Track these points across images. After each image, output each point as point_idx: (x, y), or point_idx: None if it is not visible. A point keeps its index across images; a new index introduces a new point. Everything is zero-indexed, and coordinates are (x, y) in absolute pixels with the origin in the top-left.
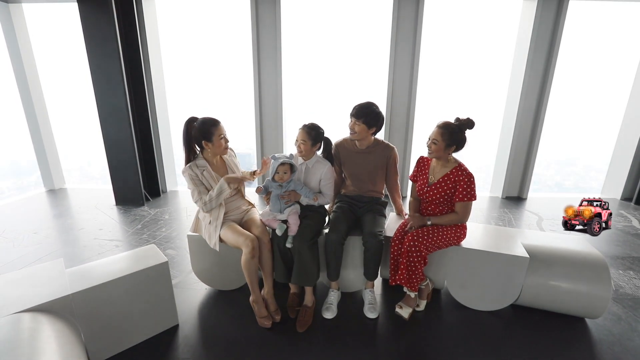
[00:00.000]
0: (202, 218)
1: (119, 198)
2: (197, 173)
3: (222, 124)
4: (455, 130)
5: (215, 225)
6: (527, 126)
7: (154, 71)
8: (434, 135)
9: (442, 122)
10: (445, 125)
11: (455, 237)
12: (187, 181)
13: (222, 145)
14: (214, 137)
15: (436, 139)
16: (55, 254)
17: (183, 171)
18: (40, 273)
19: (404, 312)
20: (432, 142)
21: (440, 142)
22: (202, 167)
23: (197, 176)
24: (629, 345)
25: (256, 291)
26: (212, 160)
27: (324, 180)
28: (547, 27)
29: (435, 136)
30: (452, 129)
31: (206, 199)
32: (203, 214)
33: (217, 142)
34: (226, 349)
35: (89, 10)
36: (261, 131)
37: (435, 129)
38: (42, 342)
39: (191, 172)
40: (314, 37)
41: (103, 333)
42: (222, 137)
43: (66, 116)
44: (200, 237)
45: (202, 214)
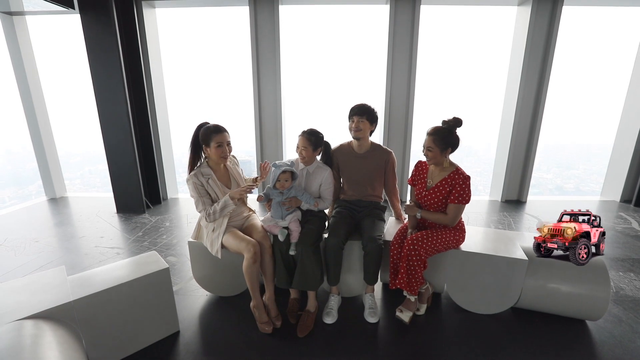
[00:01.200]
0: (205, 226)
1: (119, 206)
2: (202, 182)
3: (227, 133)
4: (446, 134)
5: (218, 233)
6: (525, 129)
7: (155, 79)
8: (427, 143)
9: (432, 129)
10: (435, 130)
11: (454, 241)
12: (190, 189)
13: (217, 154)
14: (211, 143)
15: (430, 146)
16: (56, 262)
17: (187, 179)
18: (42, 280)
19: (405, 316)
20: (428, 150)
21: (435, 148)
22: (207, 175)
23: (201, 185)
24: (630, 347)
25: (257, 297)
26: (216, 168)
27: (324, 185)
28: (542, 31)
29: (428, 144)
30: (442, 133)
31: (210, 211)
32: (206, 222)
33: (214, 149)
34: (227, 355)
35: (91, 20)
36: (261, 138)
37: (426, 137)
38: (44, 349)
39: (196, 180)
40: (312, 43)
41: (104, 339)
42: (219, 146)
43: (68, 124)
44: (201, 244)
45: (204, 221)
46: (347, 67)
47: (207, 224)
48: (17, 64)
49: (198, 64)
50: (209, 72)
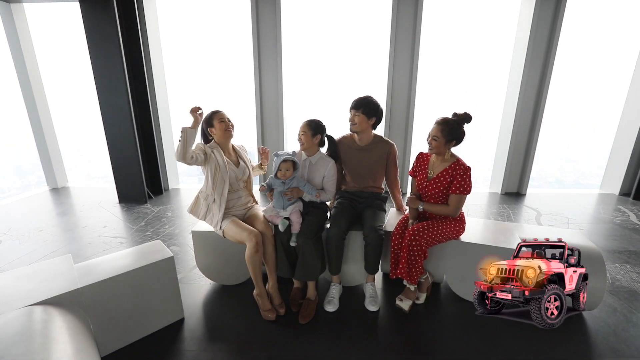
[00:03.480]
0: (205, 198)
1: (122, 196)
2: (207, 150)
3: (224, 112)
4: (454, 126)
5: (220, 203)
6: (526, 122)
7: (156, 69)
8: (434, 132)
9: (441, 119)
10: (444, 121)
11: (454, 231)
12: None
13: (222, 128)
14: (214, 121)
15: (436, 135)
16: (60, 251)
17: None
18: (50, 268)
19: (404, 304)
20: (433, 139)
21: (441, 137)
22: (213, 147)
23: (203, 150)
24: (624, 336)
25: (260, 285)
26: (224, 148)
27: (327, 177)
28: (546, 23)
29: (435, 133)
30: (451, 125)
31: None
32: (206, 194)
33: (218, 124)
34: (231, 342)
35: (91, 9)
36: (262, 129)
37: (434, 126)
38: (55, 333)
39: (202, 145)
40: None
41: (112, 325)
42: (222, 121)
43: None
44: (204, 233)
45: (204, 194)
46: (350, 59)
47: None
48: (16, 53)
49: (199, 53)
50: (210, 61)
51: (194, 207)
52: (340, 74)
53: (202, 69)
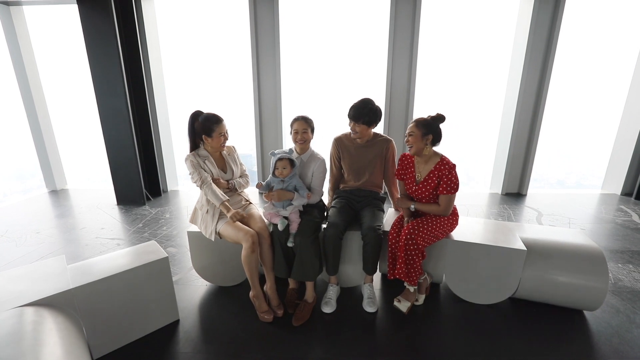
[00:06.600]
0: (200, 207)
1: (120, 198)
2: (199, 161)
3: (224, 122)
4: (427, 121)
5: (213, 214)
6: (526, 122)
7: (154, 71)
8: (409, 130)
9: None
10: (418, 119)
11: (449, 225)
12: (188, 167)
13: (220, 142)
14: (214, 133)
15: (412, 131)
16: (57, 253)
17: (186, 158)
18: (42, 269)
19: (402, 306)
20: (409, 135)
21: (416, 131)
22: (204, 156)
23: (198, 163)
24: (627, 337)
25: (256, 286)
26: (212, 154)
27: (316, 173)
28: (545, 22)
29: (410, 130)
30: (424, 120)
31: (206, 180)
32: (201, 204)
33: (217, 138)
34: (227, 343)
35: (89, 11)
36: (261, 130)
37: (409, 125)
38: (45, 335)
39: (193, 159)
40: (312, 35)
41: (105, 327)
42: (221, 135)
43: (67, 117)
44: (201, 234)
45: (200, 203)
46: (348, 59)
47: (202, 205)
48: (15, 55)
49: (197, 55)
50: (209, 63)
51: (193, 217)
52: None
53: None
